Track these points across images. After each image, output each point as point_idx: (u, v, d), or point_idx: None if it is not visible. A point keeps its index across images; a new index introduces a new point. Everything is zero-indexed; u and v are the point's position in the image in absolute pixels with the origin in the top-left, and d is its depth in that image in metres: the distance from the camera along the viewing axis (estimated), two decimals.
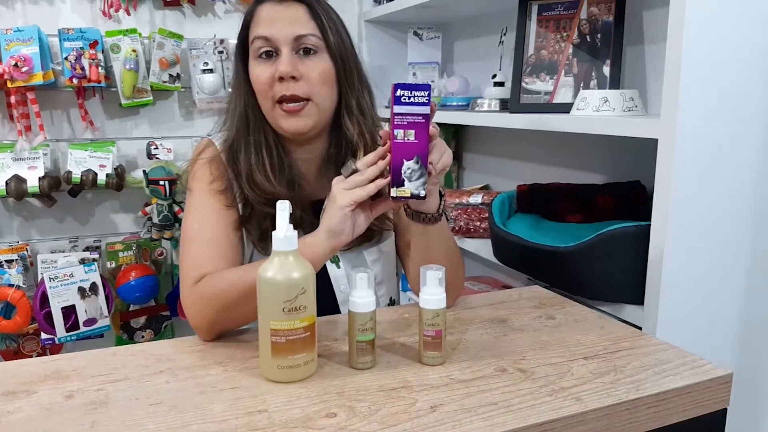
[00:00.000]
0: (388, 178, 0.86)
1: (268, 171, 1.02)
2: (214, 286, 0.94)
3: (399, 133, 0.85)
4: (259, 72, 1.01)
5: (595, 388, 0.77)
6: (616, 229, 1.09)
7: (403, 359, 0.87)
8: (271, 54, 1.00)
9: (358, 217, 0.89)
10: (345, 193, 0.86)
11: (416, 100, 0.84)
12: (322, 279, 1.09)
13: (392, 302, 1.18)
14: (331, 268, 1.10)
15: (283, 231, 0.78)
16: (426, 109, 0.84)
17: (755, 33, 1.01)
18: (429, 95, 0.84)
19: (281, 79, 0.98)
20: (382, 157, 0.87)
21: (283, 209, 0.79)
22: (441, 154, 0.89)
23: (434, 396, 0.76)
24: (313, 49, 1.01)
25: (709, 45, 0.98)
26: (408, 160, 0.85)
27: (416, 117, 0.84)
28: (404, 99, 0.84)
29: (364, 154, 0.99)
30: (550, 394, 0.76)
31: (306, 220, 1.04)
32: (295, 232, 0.79)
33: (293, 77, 0.99)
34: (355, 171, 0.88)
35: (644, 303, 1.06)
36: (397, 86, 0.84)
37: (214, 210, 1.03)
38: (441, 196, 0.96)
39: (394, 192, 0.86)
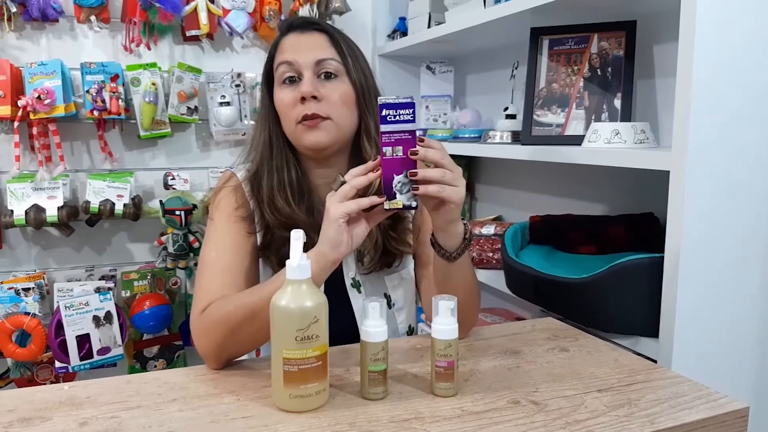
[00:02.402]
0: (382, 198, 0.88)
1: (288, 195, 1.05)
2: (220, 309, 0.95)
3: (387, 150, 0.88)
4: (283, 96, 1.05)
5: (609, 422, 0.77)
6: (629, 261, 1.09)
7: (415, 390, 0.86)
8: (294, 79, 1.05)
9: (355, 228, 0.90)
10: (337, 206, 0.88)
11: (401, 118, 0.87)
12: (344, 304, 1.10)
13: (411, 330, 1.18)
14: (353, 293, 1.11)
15: (297, 260, 0.79)
16: (411, 126, 0.87)
17: (764, 66, 1.02)
18: (413, 112, 0.87)
19: (303, 99, 1.03)
20: (372, 170, 0.90)
21: (297, 238, 0.80)
22: (442, 176, 0.87)
23: (446, 428, 0.75)
24: (333, 74, 1.05)
25: (719, 78, 0.99)
26: (398, 174, 0.88)
27: (402, 134, 0.87)
28: (390, 118, 0.87)
29: None
30: (564, 427, 0.75)
31: None
32: (309, 261, 0.80)
33: (314, 97, 1.03)
34: (343, 183, 0.90)
35: (659, 335, 1.05)
36: (382, 106, 0.87)
37: (233, 239, 1.05)
38: (466, 238, 0.95)
39: (387, 205, 0.89)
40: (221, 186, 1.11)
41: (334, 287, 1.07)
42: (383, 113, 0.87)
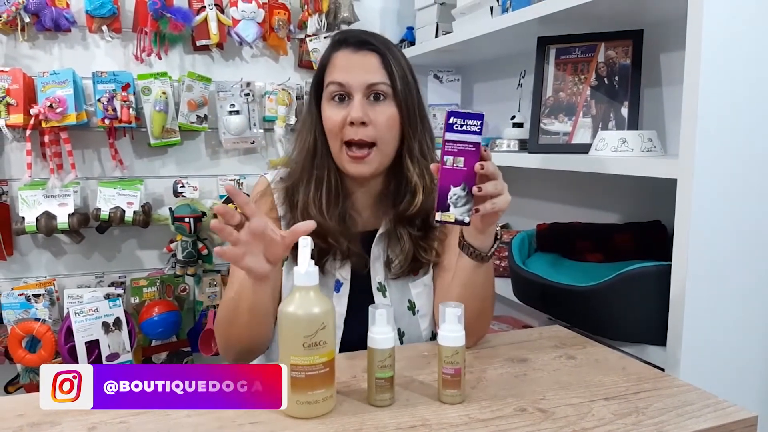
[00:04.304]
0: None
1: (323, 206, 1.08)
2: (218, 315, 1.06)
3: (448, 159, 0.86)
4: (332, 114, 1.07)
5: (617, 430, 0.76)
6: (636, 269, 1.09)
7: (422, 397, 0.86)
8: (344, 98, 1.07)
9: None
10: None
11: (468, 129, 0.86)
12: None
13: (434, 336, 1.18)
14: (378, 297, 1.12)
15: (305, 266, 0.80)
16: (477, 138, 0.86)
17: None
18: (481, 124, 0.86)
19: (352, 123, 1.04)
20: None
21: (305, 245, 0.81)
22: (495, 188, 0.89)
23: None
24: (382, 96, 1.07)
25: (726, 86, 0.99)
26: (455, 186, 0.87)
27: (466, 145, 0.86)
28: (456, 127, 0.86)
29: (422, 195, 1.07)
30: None
31: (353, 251, 1.09)
32: (316, 267, 0.81)
33: (363, 123, 1.04)
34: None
35: (666, 344, 1.04)
36: (450, 114, 0.86)
37: None
38: (496, 239, 0.98)
39: (438, 216, 0.88)
40: (255, 192, 1.16)
41: (361, 290, 1.11)
42: (450, 121, 0.85)
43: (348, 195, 1.13)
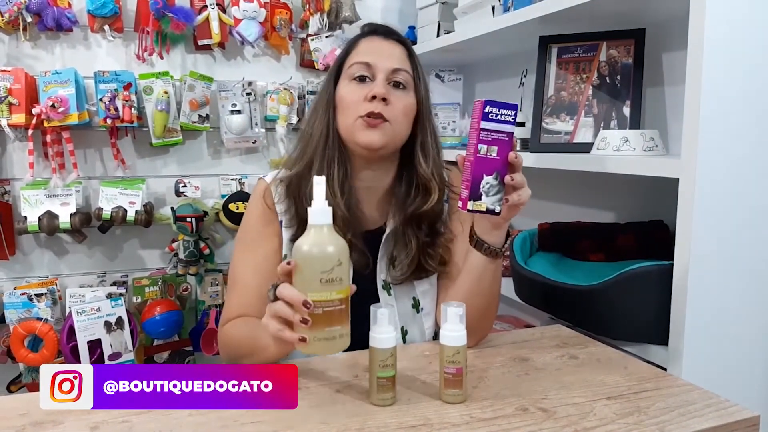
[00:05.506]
0: (304, 342, 0.80)
1: (335, 186, 1.08)
2: (229, 338, 1.06)
3: (483, 148, 0.87)
4: (349, 91, 1.08)
5: (619, 429, 0.76)
6: (638, 269, 1.09)
7: (424, 397, 0.87)
8: (365, 79, 1.08)
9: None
10: (269, 321, 0.84)
11: (503, 118, 0.87)
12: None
13: (437, 335, 1.18)
14: (383, 295, 1.12)
15: (319, 204, 0.79)
16: (511, 128, 0.87)
17: None
18: (515, 115, 0.87)
19: (373, 98, 1.05)
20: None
21: (319, 183, 0.80)
22: (522, 179, 0.91)
23: None
24: (403, 85, 1.09)
25: (728, 85, 0.99)
26: (488, 175, 0.88)
27: (501, 134, 0.87)
28: (492, 116, 0.87)
29: (438, 197, 1.08)
30: None
31: (355, 245, 1.08)
32: (330, 207, 0.81)
33: (384, 99, 1.05)
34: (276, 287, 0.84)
35: (668, 343, 1.04)
36: (486, 102, 0.86)
37: (255, 254, 1.11)
38: (508, 235, 0.99)
39: (470, 205, 0.88)
40: (254, 195, 1.16)
41: (365, 288, 1.09)
42: (486, 110, 0.86)
43: (354, 187, 1.11)
